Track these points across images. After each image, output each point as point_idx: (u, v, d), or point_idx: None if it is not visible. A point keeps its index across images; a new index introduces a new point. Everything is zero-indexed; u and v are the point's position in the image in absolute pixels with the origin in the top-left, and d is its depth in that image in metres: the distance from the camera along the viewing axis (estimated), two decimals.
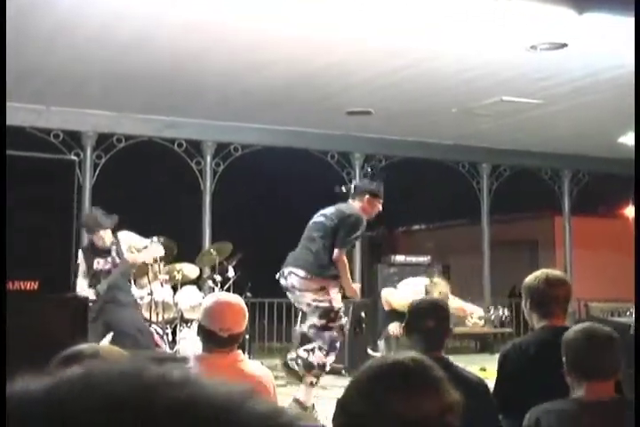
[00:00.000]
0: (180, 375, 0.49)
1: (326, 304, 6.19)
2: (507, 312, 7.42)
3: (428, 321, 3.48)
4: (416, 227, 21.81)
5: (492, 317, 7.21)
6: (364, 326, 7.70)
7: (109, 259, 7.36)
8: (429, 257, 13.09)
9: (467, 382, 3.09)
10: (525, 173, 13.38)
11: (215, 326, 3.38)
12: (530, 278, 3.66)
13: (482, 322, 6.81)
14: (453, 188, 14.10)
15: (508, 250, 16.86)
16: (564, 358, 2.93)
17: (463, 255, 14.28)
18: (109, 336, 7.34)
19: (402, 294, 7.08)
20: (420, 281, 7.23)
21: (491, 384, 3.54)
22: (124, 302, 7.44)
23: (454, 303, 6.99)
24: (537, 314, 3.61)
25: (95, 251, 7.35)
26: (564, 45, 7.61)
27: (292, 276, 6.31)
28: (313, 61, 8.18)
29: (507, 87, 9.15)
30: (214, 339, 3.38)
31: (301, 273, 6.26)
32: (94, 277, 7.31)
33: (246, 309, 3.58)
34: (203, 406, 0.46)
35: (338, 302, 6.26)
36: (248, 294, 9.69)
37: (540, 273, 3.67)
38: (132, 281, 7.83)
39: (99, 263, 7.34)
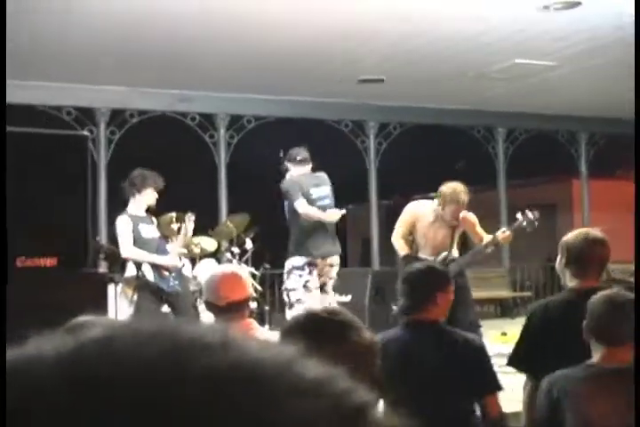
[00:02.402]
0: (218, 337, 0.44)
1: None
2: (537, 214, 6.77)
3: (410, 283, 3.55)
4: (432, 194, 21.71)
5: (525, 222, 6.67)
6: (384, 295, 7.69)
7: (152, 226, 7.23)
8: None
9: (455, 341, 3.36)
10: (541, 137, 13.26)
11: (213, 296, 3.45)
12: (569, 236, 3.65)
13: (507, 232, 6.51)
14: (469, 153, 14.01)
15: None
16: (585, 322, 2.93)
17: (481, 221, 14.22)
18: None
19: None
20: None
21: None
22: (183, 275, 7.50)
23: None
24: (570, 272, 3.59)
25: (139, 217, 7.20)
26: (578, 4, 7.47)
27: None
28: (324, 28, 8.08)
29: (520, 49, 9.02)
30: (216, 310, 3.45)
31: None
32: (145, 245, 7.15)
33: (244, 277, 3.64)
34: (243, 370, 0.41)
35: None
36: (266, 266, 9.72)
37: (580, 231, 3.67)
38: None
39: (145, 230, 7.19)
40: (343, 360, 1.81)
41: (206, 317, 8.04)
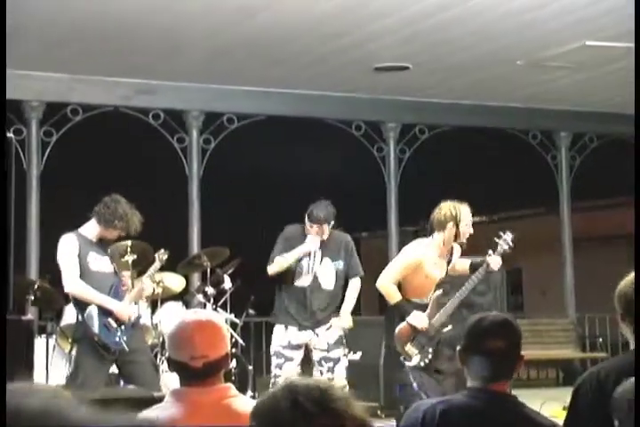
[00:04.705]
0: None
1: None
2: (510, 236, 7.39)
3: (493, 342, 3.50)
4: (473, 219, 21.79)
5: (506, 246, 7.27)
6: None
7: (105, 259, 7.27)
8: None
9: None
10: (618, 144, 13.27)
11: (184, 355, 3.41)
12: (626, 282, 3.59)
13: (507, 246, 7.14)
14: (521, 165, 14.03)
15: (599, 248, 16.73)
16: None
17: (538, 255, 14.23)
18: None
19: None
20: None
21: None
22: (139, 325, 7.57)
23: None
24: (632, 330, 3.54)
25: (91, 243, 7.23)
26: None
27: None
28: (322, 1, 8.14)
29: (590, 28, 9.06)
30: (188, 372, 3.41)
31: None
32: (93, 282, 7.16)
33: (224, 326, 3.62)
34: None
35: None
36: (250, 312, 9.70)
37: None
38: None
39: (96, 260, 7.24)
40: None
41: (169, 378, 8.03)
